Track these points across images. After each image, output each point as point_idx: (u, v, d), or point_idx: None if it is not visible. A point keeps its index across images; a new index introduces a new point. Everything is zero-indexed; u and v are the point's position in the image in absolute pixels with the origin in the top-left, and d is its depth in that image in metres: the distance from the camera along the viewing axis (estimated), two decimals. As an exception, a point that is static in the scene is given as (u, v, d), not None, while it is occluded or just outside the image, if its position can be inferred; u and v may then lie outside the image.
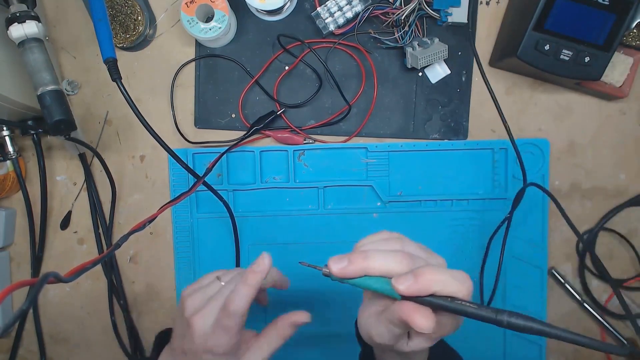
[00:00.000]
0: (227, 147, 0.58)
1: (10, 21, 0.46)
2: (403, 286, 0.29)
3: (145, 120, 0.45)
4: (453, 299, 0.29)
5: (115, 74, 0.44)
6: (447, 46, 0.55)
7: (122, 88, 0.44)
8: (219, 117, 0.61)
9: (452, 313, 0.29)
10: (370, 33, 0.58)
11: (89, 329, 0.65)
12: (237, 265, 0.61)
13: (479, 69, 0.55)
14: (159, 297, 0.64)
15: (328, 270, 0.32)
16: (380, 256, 0.31)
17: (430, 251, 0.33)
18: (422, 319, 0.28)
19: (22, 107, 0.53)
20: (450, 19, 0.56)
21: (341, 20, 0.57)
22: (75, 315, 0.65)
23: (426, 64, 0.56)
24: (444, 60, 0.58)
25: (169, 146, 0.48)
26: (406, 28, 0.56)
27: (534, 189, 0.60)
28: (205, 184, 0.54)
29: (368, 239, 0.34)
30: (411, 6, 0.55)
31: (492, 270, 0.60)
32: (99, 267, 0.63)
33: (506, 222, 0.58)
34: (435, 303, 0.29)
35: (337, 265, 0.31)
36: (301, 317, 0.40)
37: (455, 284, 0.29)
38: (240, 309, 0.37)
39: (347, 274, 0.31)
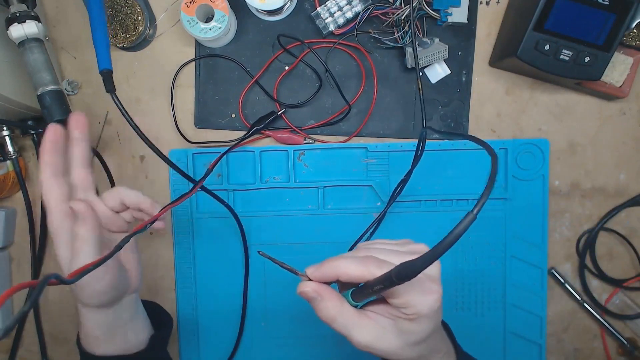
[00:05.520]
0: (227, 147, 0.58)
1: (10, 21, 0.45)
2: (309, 271, 0.33)
3: (139, 130, 0.44)
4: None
5: (109, 85, 0.43)
6: (447, 46, 0.56)
7: (116, 101, 0.43)
8: (219, 117, 0.61)
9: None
10: (370, 33, 0.58)
11: (89, 328, 0.65)
12: (246, 272, 0.61)
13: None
14: (158, 297, 0.64)
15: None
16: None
17: (406, 244, 0.37)
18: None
19: (22, 107, 0.53)
20: (450, 19, 0.56)
21: (341, 20, 0.57)
22: (76, 315, 0.65)
23: (426, 64, 0.56)
24: (444, 60, 0.58)
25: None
26: (406, 28, 0.56)
27: (533, 189, 0.60)
28: (204, 188, 0.53)
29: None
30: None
31: (494, 270, 0.60)
32: (99, 267, 0.63)
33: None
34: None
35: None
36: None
37: (354, 269, 0.32)
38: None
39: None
